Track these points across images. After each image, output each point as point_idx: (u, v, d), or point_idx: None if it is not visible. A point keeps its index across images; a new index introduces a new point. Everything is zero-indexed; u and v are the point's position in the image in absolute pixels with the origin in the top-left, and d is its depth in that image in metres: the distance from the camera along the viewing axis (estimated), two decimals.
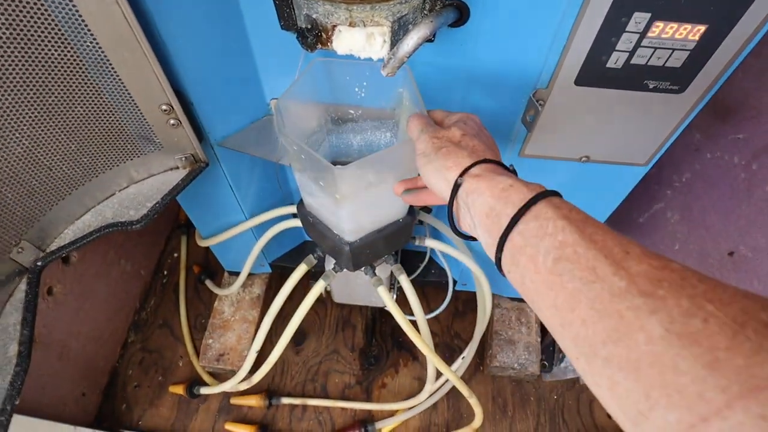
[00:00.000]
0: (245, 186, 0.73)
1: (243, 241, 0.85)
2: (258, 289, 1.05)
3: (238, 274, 0.93)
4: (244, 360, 0.84)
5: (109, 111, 0.50)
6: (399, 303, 0.71)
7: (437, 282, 0.97)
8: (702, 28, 0.43)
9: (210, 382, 0.98)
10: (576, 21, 0.42)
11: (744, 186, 0.76)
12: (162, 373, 1.02)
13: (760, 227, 0.73)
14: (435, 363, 0.73)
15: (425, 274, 0.95)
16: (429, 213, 0.77)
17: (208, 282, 1.07)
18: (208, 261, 1.15)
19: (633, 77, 0.48)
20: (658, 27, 0.43)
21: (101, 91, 0.47)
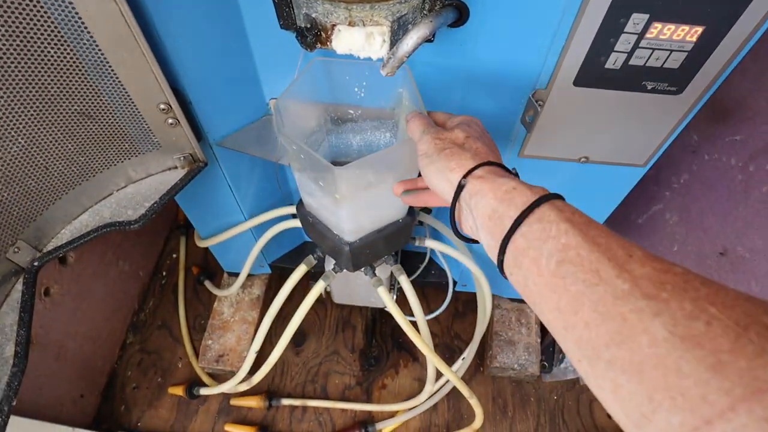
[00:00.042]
0: (244, 186, 0.73)
1: (242, 242, 0.85)
2: (257, 290, 1.05)
3: (237, 275, 0.93)
4: (243, 361, 0.84)
5: (107, 110, 0.49)
6: (399, 303, 0.71)
7: (437, 283, 0.97)
8: (700, 29, 0.43)
9: (209, 383, 0.98)
10: (575, 21, 0.42)
11: (741, 187, 0.77)
12: (161, 375, 1.02)
13: (757, 228, 0.73)
14: (435, 363, 0.72)
15: (425, 274, 0.95)
16: (429, 214, 0.77)
17: (207, 283, 1.07)
18: (207, 262, 1.15)
19: (631, 78, 0.48)
20: (656, 28, 0.43)
21: (99, 90, 0.47)
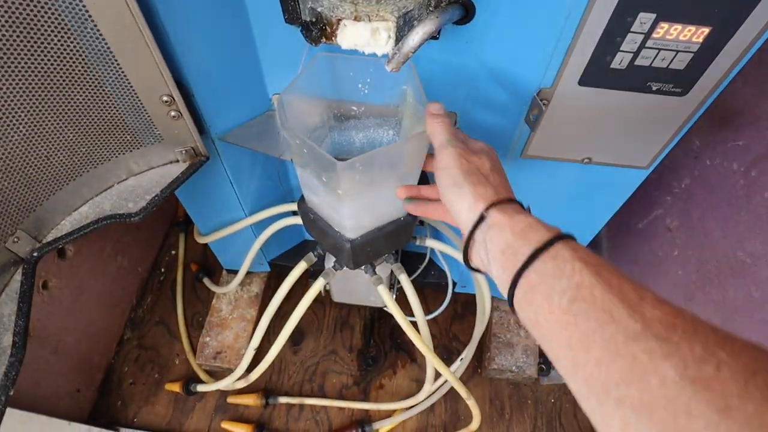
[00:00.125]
0: (245, 182, 0.73)
1: (242, 239, 0.85)
2: (256, 288, 1.04)
3: (236, 272, 0.93)
4: (241, 358, 0.83)
5: (109, 100, 0.49)
6: (398, 303, 0.71)
7: (437, 283, 0.96)
8: (706, 30, 0.43)
9: (206, 379, 0.97)
10: (582, 19, 0.42)
11: (743, 192, 0.76)
12: (158, 371, 1.01)
13: (758, 233, 0.73)
14: (434, 363, 0.72)
15: (425, 275, 0.95)
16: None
17: (206, 280, 1.06)
18: (206, 259, 1.15)
19: (637, 78, 0.48)
20: (662, 28, 0.42)
21: (102, 80, 0.47)
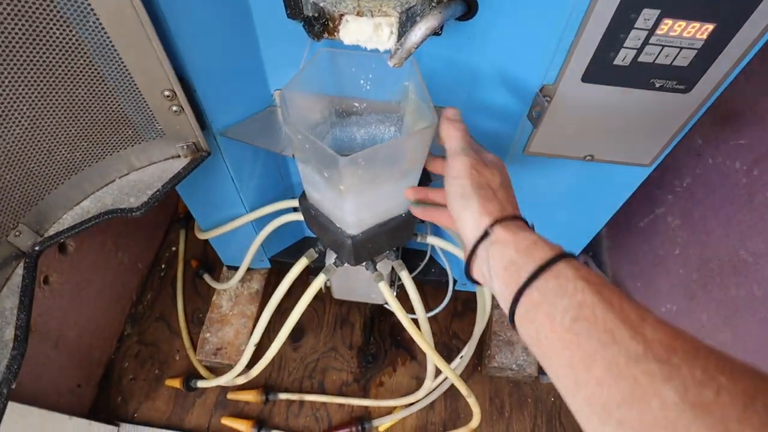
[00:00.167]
0: (246, 178, 0.73)
1: (243, 235, 0.85)
2: (257, 285, 1.04)
3: (236, 268, 0.93)
4: (241, 354, 0.83)
5: (111, 95, 0.49)
6: (398, 300, 0.71)
7: (437, 281, 0.96)
8: (710, 26, 0.42)
9: (207, 375, 0.97)
10: (585, 16, 0.42)
11: (745, 191, 0.76)
12: (158, 367, 1.02)
13: (760, 232, 0.73)
14: (435, 360, 0.72)
15: (425, 272, 0.95)
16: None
17: (206, 276, 1.06)
18: (206, 256, 1.15)
19: (640, 75, 0.47)
20: (666, 24, 0.42)
21: (103, 74, 0.47)
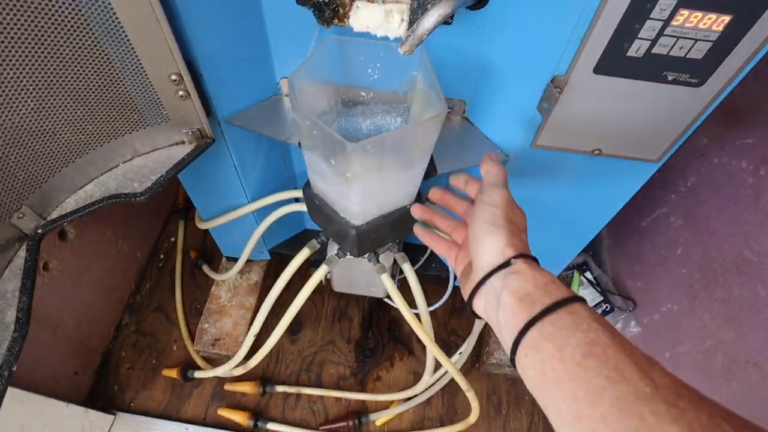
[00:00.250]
0: (249, 167, 0.72)
1: (243, 226, 0.84)
2: (256, 276, 1.04)
3: (236, 260, 0.92)
4: (239, 346, 0.83)
5: (117, 77, 0.48)
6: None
7: (437, 276, 0.96)
8: (727, 18, 0.42)
9: (204, 366, 0.97)
10: (601, 5, 0.42)
11: (751, 191, 0.76)
12: (156, 356, 1.01)
13: (766, 232, 0.73)
14: (435, 354, 0.72)
15: (425, 267, 0.94)
16: (434, 205, 0.76)
17: (205, 267, 1.06)
18: (205, 247, 1.14)
19: (653, 67, 0.47)
20: (682, 15, 0.42)
21: (110, 56, 0.46)
